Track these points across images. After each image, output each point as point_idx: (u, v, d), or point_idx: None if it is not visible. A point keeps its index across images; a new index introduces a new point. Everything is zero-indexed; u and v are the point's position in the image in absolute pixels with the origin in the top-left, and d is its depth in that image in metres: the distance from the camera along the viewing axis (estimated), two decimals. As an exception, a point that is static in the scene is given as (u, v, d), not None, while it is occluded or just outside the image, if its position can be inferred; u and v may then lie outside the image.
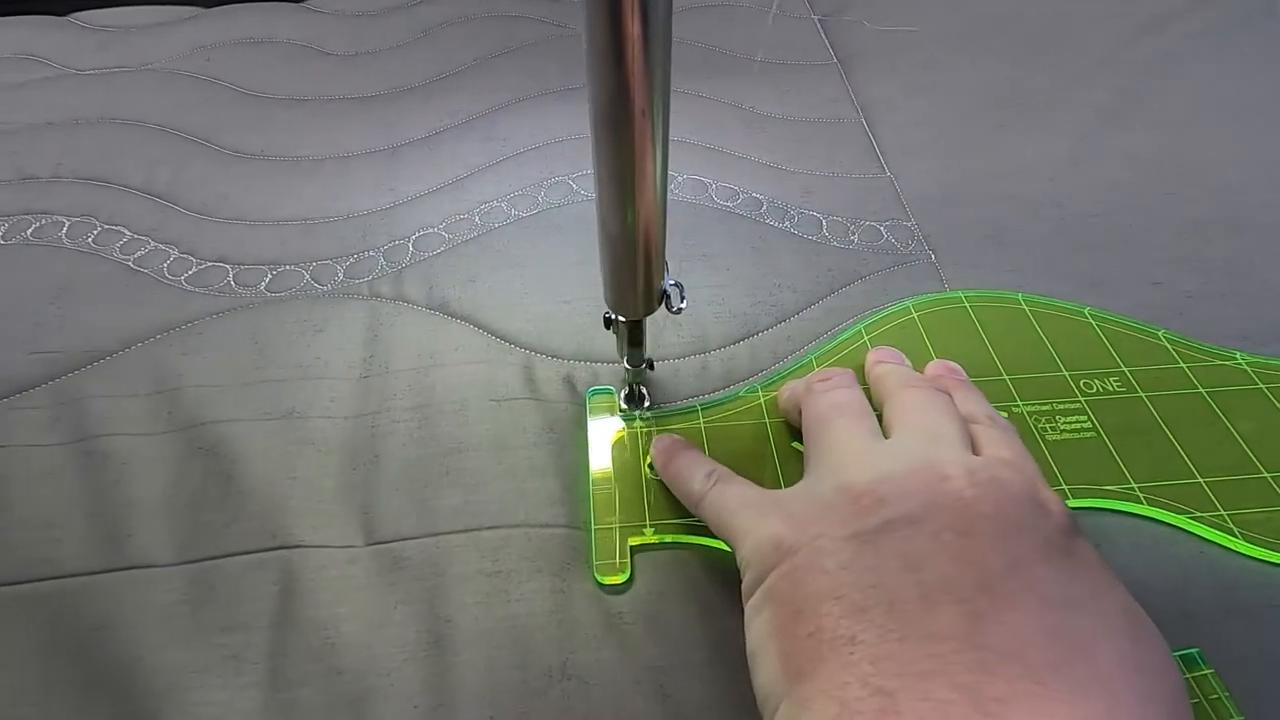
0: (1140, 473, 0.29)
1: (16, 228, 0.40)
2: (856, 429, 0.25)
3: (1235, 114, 0.47)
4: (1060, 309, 0.35)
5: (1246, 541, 0.27)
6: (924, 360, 0.31)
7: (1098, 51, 0.52)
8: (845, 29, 0.56)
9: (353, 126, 0.47)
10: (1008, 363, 0.32)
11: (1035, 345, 0.33)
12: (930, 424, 0.24)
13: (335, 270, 0.38)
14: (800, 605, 0.20)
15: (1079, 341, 0.33)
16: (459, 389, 0.32)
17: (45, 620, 0.26)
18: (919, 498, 0.21)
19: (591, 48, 0.19)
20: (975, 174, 0.43)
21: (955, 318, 0.34)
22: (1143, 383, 0.32)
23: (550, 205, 0.41)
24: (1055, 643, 0.17)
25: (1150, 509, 0.28)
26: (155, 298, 0.36)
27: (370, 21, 0.57)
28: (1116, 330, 0.34)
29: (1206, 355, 0.33)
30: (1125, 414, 0.31)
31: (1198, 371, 0.32)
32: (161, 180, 0.43)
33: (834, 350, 0.33)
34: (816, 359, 0.33)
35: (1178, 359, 0.33)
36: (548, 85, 0.49)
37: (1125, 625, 0.19)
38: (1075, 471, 0.29)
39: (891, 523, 0.20)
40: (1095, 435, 0.30)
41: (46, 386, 0.33)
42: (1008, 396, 0.31)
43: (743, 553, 0.22)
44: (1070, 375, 0.32)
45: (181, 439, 0.31)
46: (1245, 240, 0.39)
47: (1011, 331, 0.34)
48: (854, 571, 0.19)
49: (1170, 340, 0.33)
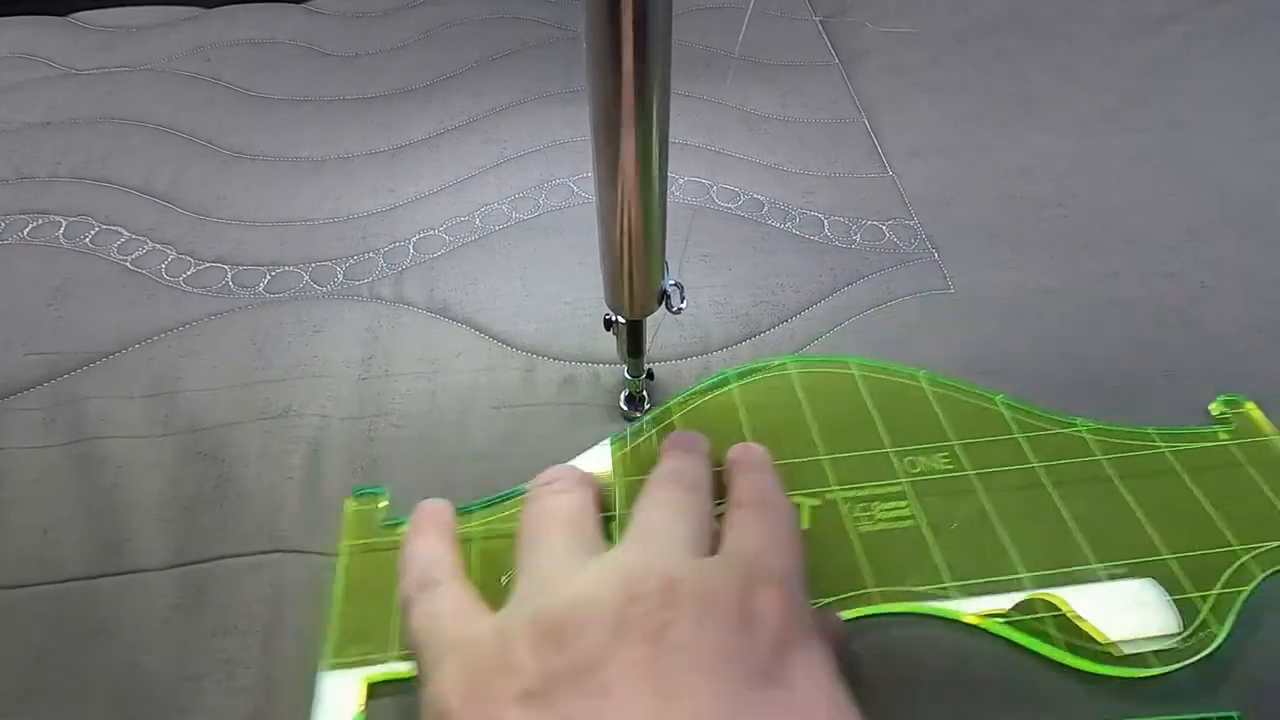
0: (959, 568, 0.26)
1: (13, 227, 0.40)
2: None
3: (1242, 112, 0.46)
4: (895, 374, 0.32)
5: (1070, 652, 0.24)
6: (736, 440, 0.28)
7: (1101, 51, 0.52)
8: (847, 30, 0.55)
9: (353, 127, 0.47)
10: (829, 440, 0.29)
11: (862, 418, 0.30)
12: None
13: (335, 272, 0.38)
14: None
15: (910, 412, 0.30)
16: (460, 394, 0.32)
17: (41, 625, 0.26)
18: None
19: (592, 50, 0.19)
20: (979, 173, 0.43)
21: (778, 388, 0.31)
22: (973, 458, 0.29)
23: (551, 208, 0.41)
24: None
25: (958, 614, 0.25)
26: (153, 298, 0.36)
27: (371, 22, 0.57)
28: (952, 398, 0.31)
29: (1046, 423, 0.30)
30: (950, 497, 0.28)
31: (1035, 442, 0.29)
32: (160, 180, 0.43)
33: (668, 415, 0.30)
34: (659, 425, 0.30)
35: (1014, 429, 0.30)
36: (549, 87, 0.49)
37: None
38: (887, 568, 0.26)
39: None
40: (913, 524, 0.27)
41: (43, 388, 0.32)
42: (822, 481, 0.28)
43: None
44: (895, 453, 0.29)
45: (179, 441, 0.30)
46: (1255, 238, 0.39)
47: (838, 403, 0.31)
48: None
49: (1008, 407, 0.30)
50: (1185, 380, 0.32)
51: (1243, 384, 0.32)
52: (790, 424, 0.30)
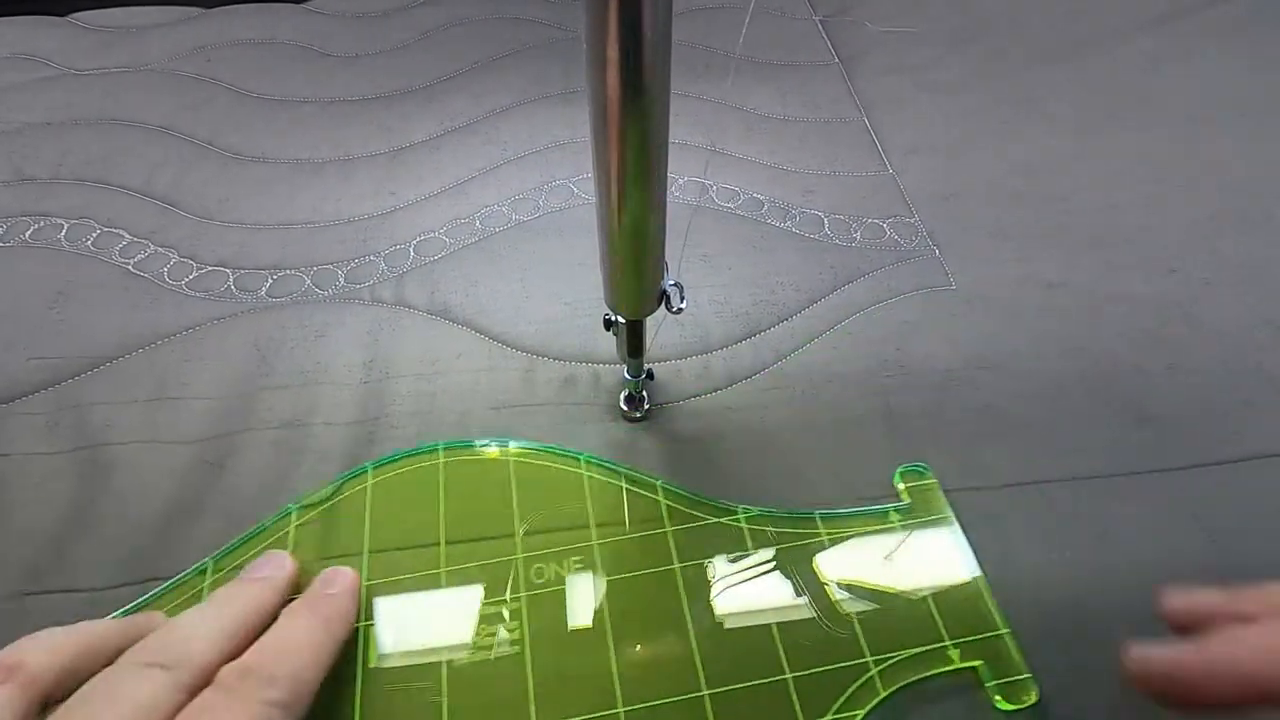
0: (550, 708, 0.23)
1: (15, 229, 0.40)
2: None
3: (1244, 110, 0.46)
4: (556, 458, 0.29)
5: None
6: (352, 551, 0.26)
7: (1102, 49, 0.52)
8: (847, 29, 0.55)
9: (354, 129, 0.47)
10: (454, 548, 0.26)
11: (499, 518, 0.27)
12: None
13: (336, 275, 0.38)
14: None
15: (559, 506, 0.27)
16: (460, 397, 0.32)
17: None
18: None
19: (592, 50, 0.19)
20: (980, 170, 0.43)
21: (418, 483, 0.28)
22: (609, 560, 0.26)
23: (551, 209, 0.41)
24: None
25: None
26: (156, 303, 0.36)
27: (371, 23, 0.57)
28: (609, 486, 0.28)
29: (706, 511, 0.27)
30: (563, 616, 0.25)
31: (686, 536, 0.27)
32: (161, 182, 0.43)
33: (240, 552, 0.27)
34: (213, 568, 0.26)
35: (666, 521, 0.27)
36: (549, 88, 0.49)
37: None
38: (469, 711, 0.23)
39: None
40: (518, 652, 0.24)
41: (47, 392, 0.32)
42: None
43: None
44: (523, 560, 0.26)
45: (182, 448, 0.30)
46: (1260, 234, 0.39)
47: (477, 501, 0.27)
48: None
49: (668, 495, 0.28)
50: (1189, 375, 0.32)
51: (1245, 380, 0.32)
52: (416, 527, 0.27)
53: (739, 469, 0.29)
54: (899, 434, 0.31)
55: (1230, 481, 0.29)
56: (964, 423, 0.31)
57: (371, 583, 0.25)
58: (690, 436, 0.31)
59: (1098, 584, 0.26)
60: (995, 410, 0.31)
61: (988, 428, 0.31)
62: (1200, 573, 0.26)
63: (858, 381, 0.32)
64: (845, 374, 0.33)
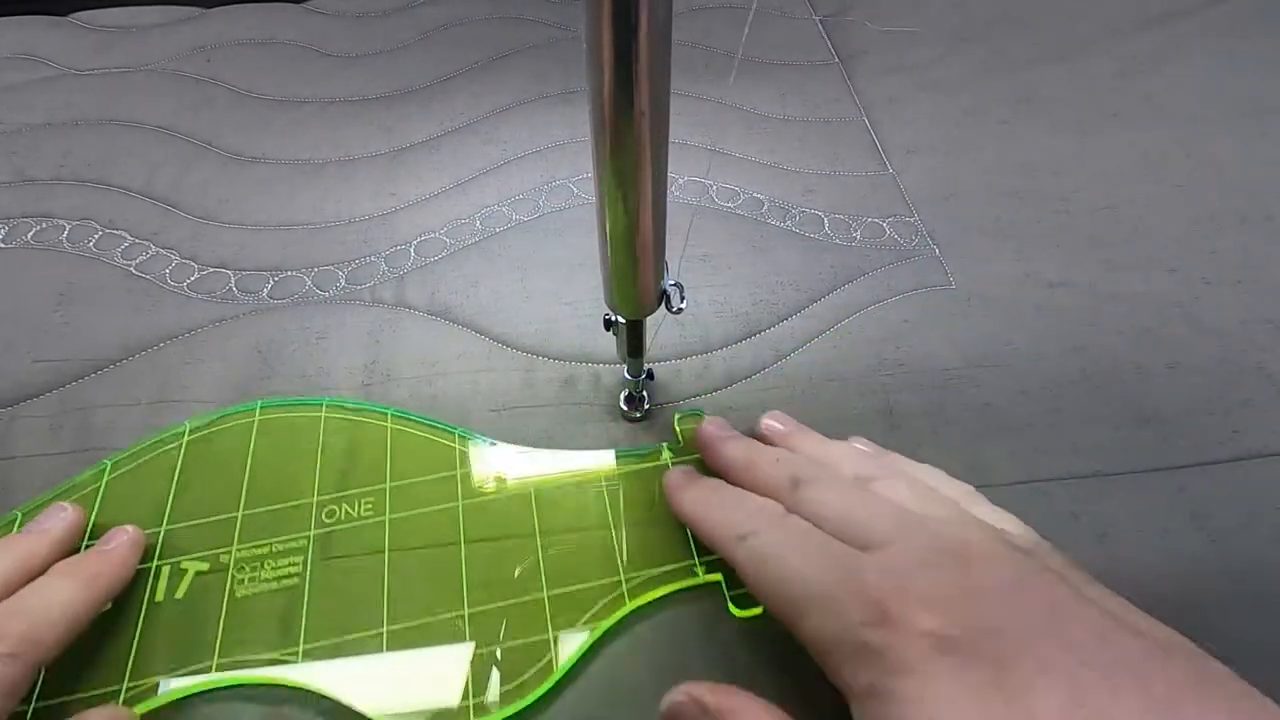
0: (318, 631, 0.25)
1: (17, 231, 0.40)
2: None
3: (1244, 109, 0.46)
4: (363, 414, 0.31)
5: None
6: (159, 505, 0.28)
7: (1102, 48, 0.52)
8: (847, 29, 0.55)
9: (354, 129, 0.47)
10: (255, 493, 0.28)
11: (303, 466, 0.29)
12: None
13: (337, 276, 0.38)
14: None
15: (361, 456, 0.29)
16: (460, 398, 0.32)
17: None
18: None
19: (592, 50, 0.19)
20: (980, 170, 0.43)
21: (231, 437, 0.30)
22: (400, 500, 0.28)
23: (551, 209, 0.41)
24: None
25: (300, 684, 0.24)
26: (157, 304, 0.36)
27: (371, 23, 0.57)
28: (409, 434, 0.30)
29: (491, 459, 0.30)
30: (348, 549, 0.27)
31: (471, 475, 0.29)
32: (162, 183, 0.43)
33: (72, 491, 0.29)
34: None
35: (457, 464, 0.29)
36: (549, 88, 0.49)
37: None
38: (248, 634, 0.25)
39: None
40: (297, 583, 0.26)
41: (50, 395, 0.33)
42: (225, 540, 0.27)
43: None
44: (319, 501, 0.28)
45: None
46: (1259, 233, 0.39)
47: (285, 451, 0.30)
48: None
49: (462, 441, 0.30)
50: (1189, 374, 0.32)
51: (1245, 379, 0.32)
52: (222, 479, 0.29)
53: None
54: (899, 433, 0.31)
55: (1230, 480, 0.29)
56: (964, 422, 0.31)
57: (172, 527, 0.28)
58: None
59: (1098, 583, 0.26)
60: (995, 409, 0.31)
61: (987, 427, 0.31)
62: (1200, 571, 0.26)
63: (858, 381, 0.33)
64: (845, 373, 0.33)
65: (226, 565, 0.27)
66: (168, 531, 0.27)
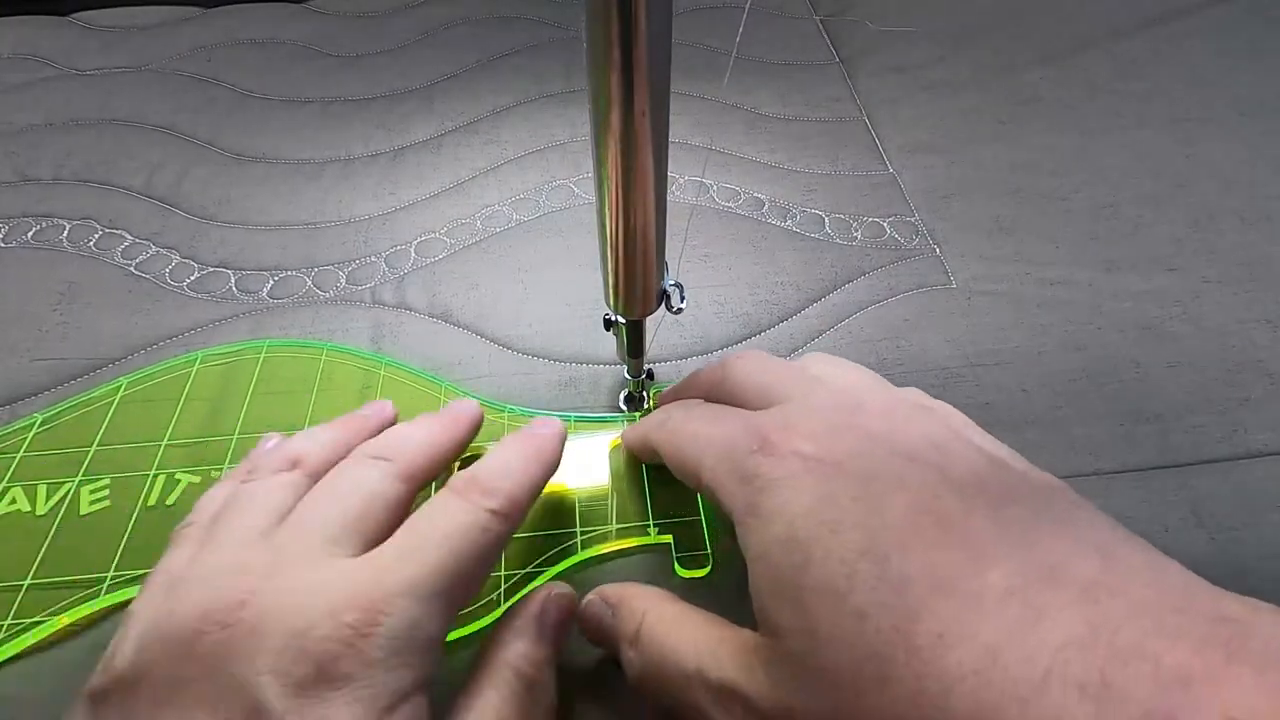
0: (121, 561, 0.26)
1: (17, 230, 0.40)
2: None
3: (1245, 109, 0.46)
4: (359, 360, 0.33)
5: None
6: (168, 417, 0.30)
7: (1102, 47, 0.52)
8: (847, 29, 0.55)
9: (354, 129, 0.47)
10: (254, 420, 0.31)
11: (299, 400, 0.31)
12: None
13: (337, 276, 0.38)
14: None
15: (357, 395, 0.31)
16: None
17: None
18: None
19: (592, 49, 0.19)
20: (980, 169, 0.43)
21: (236, 368, 0.33)
22: None
23: (552, 209, 0.41)
24: None
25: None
26: (158, 304, 0.36)
27: (372, 23, 0.57)
28: (396, 381, 0.32)
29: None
30: None
31: None
32: (162, 183, 0.43)
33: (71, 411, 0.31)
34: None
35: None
36: (549, 88, 0.49)
37: None
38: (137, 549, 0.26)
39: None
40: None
41: (51, 393, 0.33)
42: (219, 458, 0.29)
43: None
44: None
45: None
46: (1259, 232, 0.39)
47: (287, 385, 0.32)
48: None
49: (450, 395, 0.32)
50: (1189, 373, 0.32)
51: (1245, 377, 0.32)
52: (223, 405, 0.31)
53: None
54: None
55: (1231, 478, 0.29)
56: (964, 421, 0.31)
57: (173, 443, 0.30)
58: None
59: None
60: (995, 408, 0.31)
61: (988, 425, 0.30)
62: (1201, 569, 0.26)
63: (858, 380, 0.33)
64: (845, 373, 0.33)
65: (216, 480, 0.28)
66: (168, 445, 0.30)
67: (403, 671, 0.17)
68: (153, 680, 0.17)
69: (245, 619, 0.17)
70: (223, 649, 0.17)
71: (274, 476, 0.22)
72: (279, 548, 0.19)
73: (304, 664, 0.17)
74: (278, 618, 0.17)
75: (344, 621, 0.17)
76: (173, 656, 0.17)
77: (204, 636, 0.17)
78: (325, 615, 0.17)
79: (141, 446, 0.30)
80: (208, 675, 0.17)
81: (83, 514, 0.28)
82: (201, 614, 0.17)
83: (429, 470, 0.24)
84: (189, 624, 0.17)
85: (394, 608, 0.18)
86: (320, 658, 0.17)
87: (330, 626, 0.17)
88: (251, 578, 0.18)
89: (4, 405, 0.32)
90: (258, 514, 0.21)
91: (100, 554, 0.26)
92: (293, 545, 0.19)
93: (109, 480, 0.29)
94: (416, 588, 0.18)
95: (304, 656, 0.17)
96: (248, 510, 0.21)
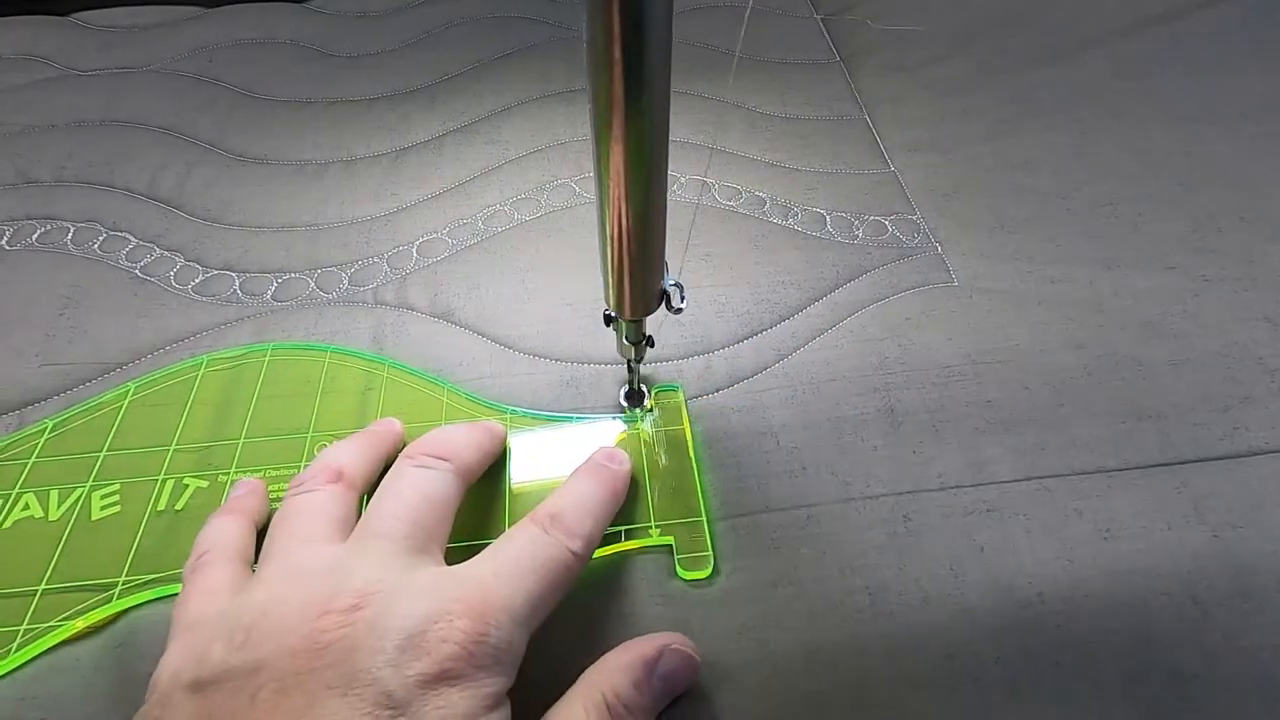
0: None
1: (21, 233, 0.40)
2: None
3: (1245, 109, 0.46)
4: (367, 364, 0.33)
5: None
6: (171, 431, 0.31)
7: (1102, 46, 0.52)
8: (848, 28, 0.55)
9: (356, 129, 0.47)
10: (260, 423, 0.31)
11: (303, 405, 0.32)
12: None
13: (340, 277, 0.38)
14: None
15: (360, 397, 0.32)
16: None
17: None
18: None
19: (593, 49, 0.19)
20: (981, 168, 0.43)
21: (242, 370, 0.33)
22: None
23: (553, 208, 0.41)
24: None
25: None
26: (163, 307, 0.36)
27: (373, 23, 0.57)
28: (399, 384, 0.32)
29: (477, 410, 0.31)
30: None
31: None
32: (165, 184, 0.43)
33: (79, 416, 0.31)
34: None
35: (441, 415, 0.31)
36: (550, 87, 0.49)
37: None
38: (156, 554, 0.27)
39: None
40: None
41: (59, 398, 0.33)
42: (225, 463, 0.30)
43: None
44: (313, 436, 0.30)
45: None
46: (1259, 230, 0.39)
47: (287, 389, 0.32)
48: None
49: (451, 397, 0.32)
50: (1190, 370, 0.32)
51: (1246, 375, 0.32)
52: (229, 409, 0.32)
53: (740, 468, 0.30)
54: (901, 431, 0.31)
55: (1232, 476, 0.29)
56: (966, 419, 0.31)
57: (180, 447, 0.30)
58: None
59: (1099, 581, 0.26)
60: (997, 406, 0.31)
61: (989, 424, 0.31)
62: (1202, 567, 0.26)
63: (859, 379, 0.33)
64: (847, 372, 0.33)
65: (223, 485, 0.29)
66: (176, 450, 0.30)
67: (500, 679, 0.19)
68: (274, 669, 0.18)
69: (364, 616, 0.19)
70: (348, 642, 0.18)
71: (325, 487, 0.24)
72: (363, 550, 0.21)
73: (425, 661, 0.18)
74: (395, 616, 0.19)
75: (458, 627, 0.19)
76: (292, 650, 0.18)
77: (324, 633, 0.19)
78: (442, 619, 0.19)
79: (150, 451, 0.30)
80: (332, 666, 0.18)
81: (94, 519, 0.28)
82: (319, 611, 0.19)
83: (479, 470, 0.26)
84: (308, 620, 0.19)
85: (499, 623, 0.20)
86: (439, 657, 0.18)
87: (447, 631, 0.19)
88: (357, 578, 0.20)
89: (14, 410, 0.32)
90: (321, 520, 0.23)
91: (112, 559, 0.27)
92: (376, 546, 0.21)
93: (119, 485, 0.29)
94: (515, 610, 0.20)
95: (424, 655, 0.18)
96: (319, 515, 0.23)
